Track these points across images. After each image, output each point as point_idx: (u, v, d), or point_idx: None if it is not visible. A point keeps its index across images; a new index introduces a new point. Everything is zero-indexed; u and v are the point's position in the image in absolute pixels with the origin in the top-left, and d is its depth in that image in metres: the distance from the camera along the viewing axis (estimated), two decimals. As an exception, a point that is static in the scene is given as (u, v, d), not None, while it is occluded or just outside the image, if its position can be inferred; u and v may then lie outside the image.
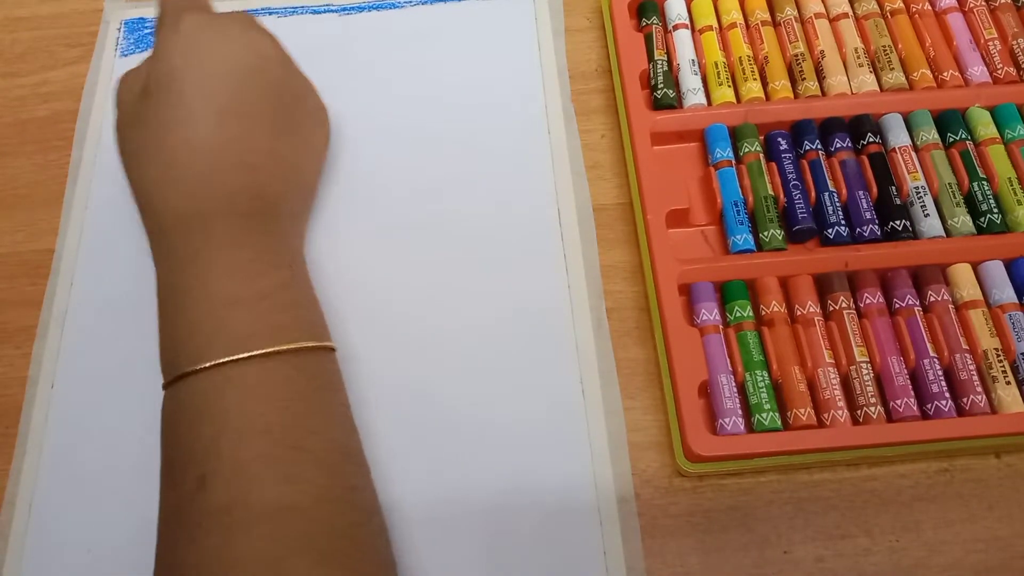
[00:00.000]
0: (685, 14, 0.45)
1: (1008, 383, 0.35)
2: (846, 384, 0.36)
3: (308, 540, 0.28)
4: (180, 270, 0.33)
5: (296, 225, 0.38)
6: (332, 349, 0.34)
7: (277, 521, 0.28)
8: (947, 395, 0.35)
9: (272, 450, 0.29)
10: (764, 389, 0.35)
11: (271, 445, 0.29)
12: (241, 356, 0.30)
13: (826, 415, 0.35)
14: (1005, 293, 0.37)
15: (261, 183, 0.35)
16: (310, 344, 0.32)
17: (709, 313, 0.37)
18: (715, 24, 0.44)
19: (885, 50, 0.43)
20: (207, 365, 0.30)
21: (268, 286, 0.33)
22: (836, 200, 0.39)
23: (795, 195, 0.39)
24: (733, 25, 0.44)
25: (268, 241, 0.34)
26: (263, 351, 0.31)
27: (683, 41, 0.44)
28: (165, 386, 0.32)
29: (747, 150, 0.41)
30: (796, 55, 0.43)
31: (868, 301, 0.37)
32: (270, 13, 0.48)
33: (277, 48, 0.37)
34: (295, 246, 0.37)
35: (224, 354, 0.30)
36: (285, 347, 0.31)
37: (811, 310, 0.37)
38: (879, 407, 0.35)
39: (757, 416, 0.35)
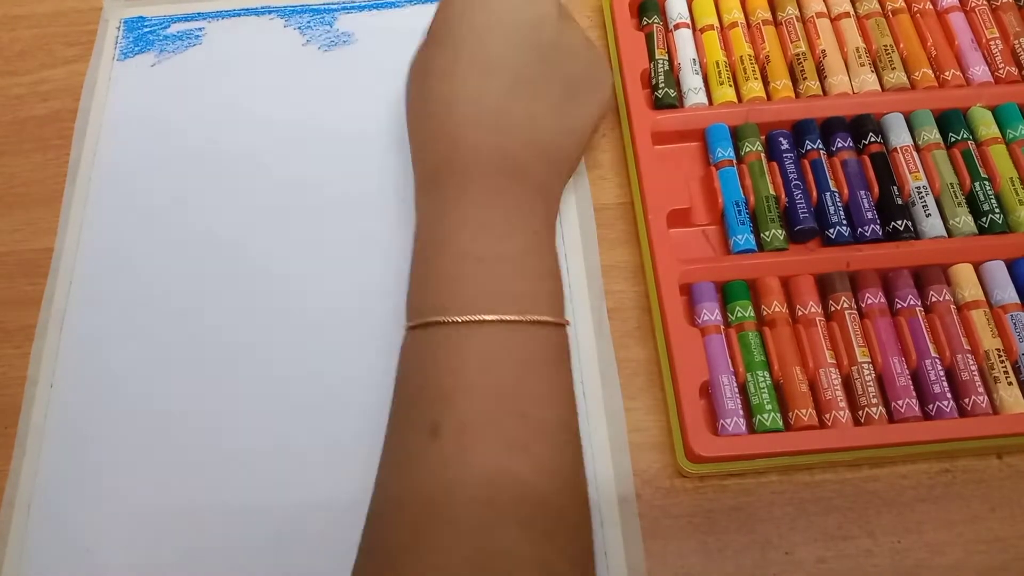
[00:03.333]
0: (686, 13, 0.45)
1: (1010, 383, 0.35)
2: (847, 384, 0.36)
3: (522, 510, 0.28)
4: (435, 223, 0.34)
5: (544, 193, 0.37)
6: (563, 325, 0.34)
7: (495, 485, 0.28)
8: (949, 396, 0.35)
9: (500, 414, 0.30)
10: (765, 389, 0.35)
11: (499, 408, 0.30)
12: (483, 318, 0.31)
13: (827, 416, 0.35)
14: (1007, 293, 0.37)
15: (509, 146, 0.35)
16: (547, 319, 0.32)
17: (710, 313, 0.37)
18: (716, 23, 0.44)
19: (887, 49, 0.43)
20: (449, 320, 0.31)
21: (512, 249, 0.33)
22: (837, 200, 0.39)
23: (796, 195, 0.39)
24: (734, 24, 0.44)
25: (518, 204, 0.34)
26: (503, 318, 0.31)
27: (684, 40, 0.44)
28: (409, 328, 0.33)
29: (748, 150, 0.40)
30: (797, 54, 0.43)
31: (870, 301, 0.37)
32: (271, 13, 0.47)
33: (556, 7, 0.36)
34: (543, 214, 0.36)
35: (467, 312, 0.31)
36: (525, 318, 0.31)
37: (812, 310, 0.37)
38: (880, 408, 0.35)
39: (758, 417, 0.35)
